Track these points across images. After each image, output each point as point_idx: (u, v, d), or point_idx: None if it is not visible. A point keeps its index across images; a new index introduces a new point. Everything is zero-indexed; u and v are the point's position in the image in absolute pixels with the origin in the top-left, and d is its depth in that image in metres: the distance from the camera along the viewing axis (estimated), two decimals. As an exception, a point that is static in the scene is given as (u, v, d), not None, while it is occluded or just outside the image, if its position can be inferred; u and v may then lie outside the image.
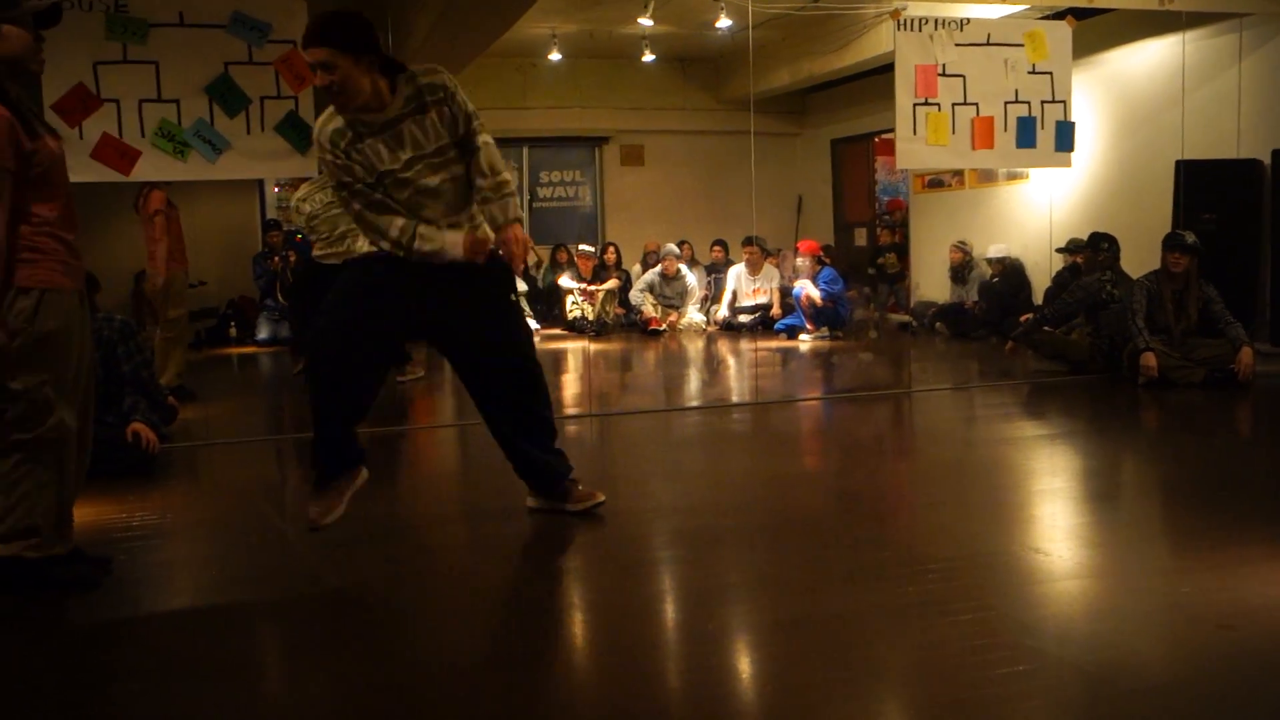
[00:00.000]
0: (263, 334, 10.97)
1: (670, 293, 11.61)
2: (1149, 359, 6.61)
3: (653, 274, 11.64)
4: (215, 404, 7.21)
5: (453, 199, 3.58)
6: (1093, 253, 7.97)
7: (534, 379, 3.85)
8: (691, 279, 11.68)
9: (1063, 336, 7.63)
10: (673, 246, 11.82)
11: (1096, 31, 8.83)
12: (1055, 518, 3.95)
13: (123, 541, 3.80)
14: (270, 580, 3.42)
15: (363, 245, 7.56)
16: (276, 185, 11.83)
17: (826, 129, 13.71)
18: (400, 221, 3.49)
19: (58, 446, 3.23)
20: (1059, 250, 9.24)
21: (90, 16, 5.54)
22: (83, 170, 5.57)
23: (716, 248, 12.38)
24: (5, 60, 3.12)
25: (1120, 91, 9.24)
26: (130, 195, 7.45)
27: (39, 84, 5.40)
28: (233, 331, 11.32)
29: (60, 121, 5.52)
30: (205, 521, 4.21)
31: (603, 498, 3.99)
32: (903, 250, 11.81)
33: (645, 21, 9.63)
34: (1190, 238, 6.86)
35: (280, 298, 10.97)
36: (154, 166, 5.75)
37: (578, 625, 3.02)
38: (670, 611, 3.10)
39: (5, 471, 3.20)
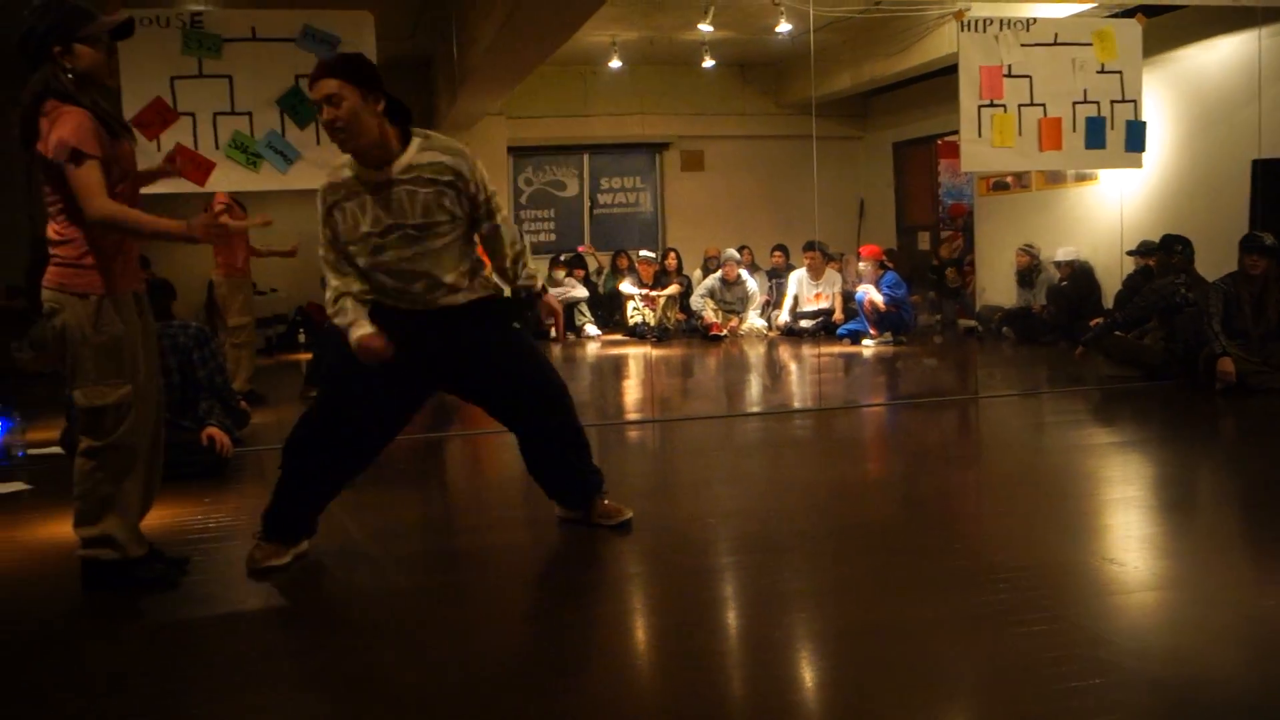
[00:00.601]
0: (330, 340, 11.15)
1: (731, 298, 11.58)
2: (1226, 364, 6.45)
3: (713, 279, 11.63)
4: (285, 409, 7.33)
5: (445, 260, 3.51)
6: (1166, 255, 7.80)
7: (560, 396, 3.87)
8: (752, 284, 11.65)
9: (1135, 341, 7.48)
10: (733, 252, 11.80)
11: (1167, 29, 8.65)
12: (1129, 527, 3.88)
13: (198, 542, 3.89)
14: (340, 581, 3.48)
15: None
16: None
17: (888, 132, 13.60)
18: (335, 282, 3.48)
19: (129, 452, 3.32)
20: (1130, 253, 9.06)
21: (167, 33, 5.69)
22: (160, 182, 5.71)
23: (777, 253, 12.33)
24: (79, 76, 3.23)
25: (1193, 90, 9.04)
26: (199, 206, 7.64)
27: (118, 97, 5.56)
28: (302, 337, 11.50)
29: (139, 135, 5.66)
30: (277, 526, 4.27)
31: (630, 514, 3.96)
32: (961, 262, 11.67)
33: (705, 27, 9.63)
34: (1269, 239, 6.69)
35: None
36: (228, 177, 5.88)
37: (640, 630, 3.03)
38: (734, 618, 3.09)
39: (82, 476, 3.30)
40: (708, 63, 11.52)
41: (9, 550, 3.97)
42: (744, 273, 11.65)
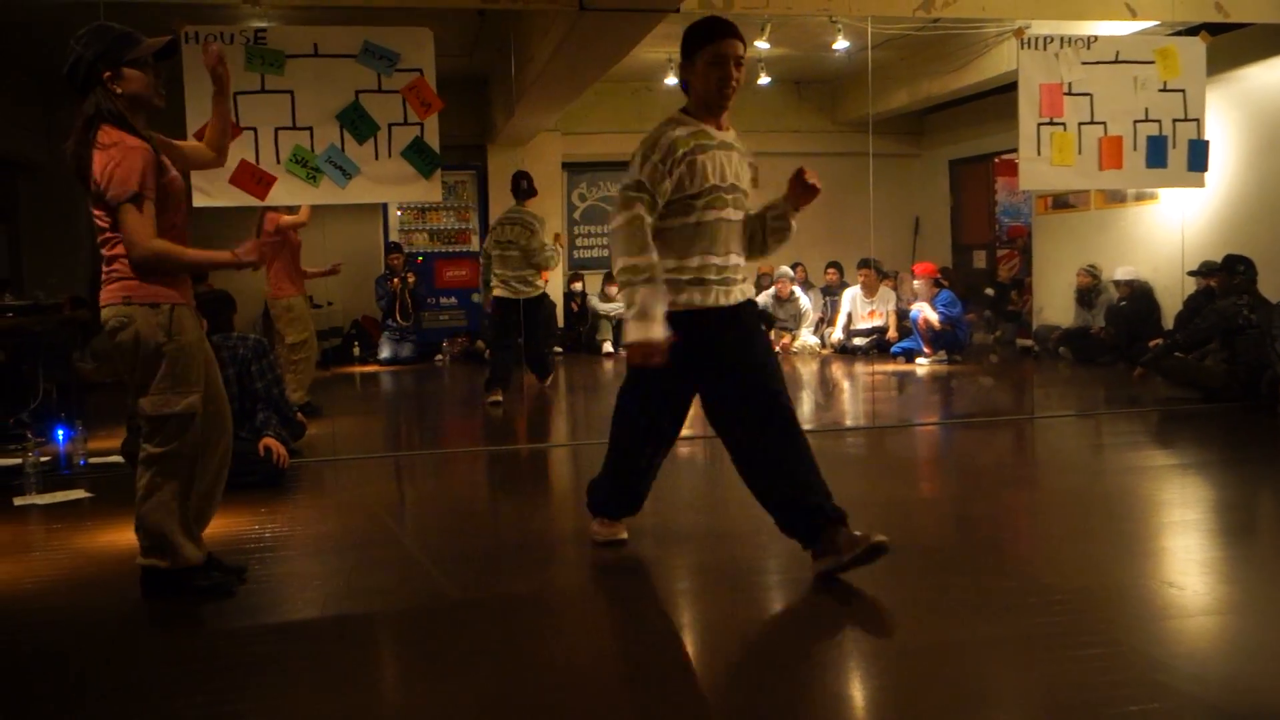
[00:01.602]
0: (384, 353, 11.28)
1: (784, 315, 11.55)
2: (1290, 387, 6.32)
3: (766, 296, 11.60)
4: (340, 421, 7.43)
5: (735, 237, 3.66)
6: (1228, 276, 7.65)
7: (789, 415, 3.54)
8: (806, 301, 11.60)
9: (1195, 363, 7.34)
10: (787, 269, 11.77)
11: (1232, 47, 8.51)
12: (1188, 551, 3.80)
13: (255, 551, 3.95)
14: (393, 592, 3.51)
15: (499, 288, 8.32)
16: (399, 209, 12.18)
17: (945, 150, 13.49)
18: (638, 260, 3.32)
19: (190, 461, 3.38)
20: (1191, 273, 8.90)
21: (231, 49, 5.81)
22: (221, 195, 5.85)
23: (831, 270, 12.28)
24: (129, 99, 3.31)
25: (1258, 108, 8.87)
26: (252, 220, 7.80)
27: (183, 114, 5.69)
28: (356, 351, 11.66)
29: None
30: (332, 534, 4.34)
31: (882, 538, 3.37)
32: (1020, 285, 11.53)
33: (762, 44, 9.64)
34: (1334, 260, 6.54)
35: (399, 318, 11.28)
36: (288, 191, 5.99)
37: (690, 646, 3.03)
38: (785, 636, 3.07)
39: (144, 484, 3.36)
40: (763, 79, 11.53)
41: (69, 557, 4.06)
42: (798, 289, 11.61)
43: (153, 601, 3.41)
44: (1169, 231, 9.46)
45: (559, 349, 11.87)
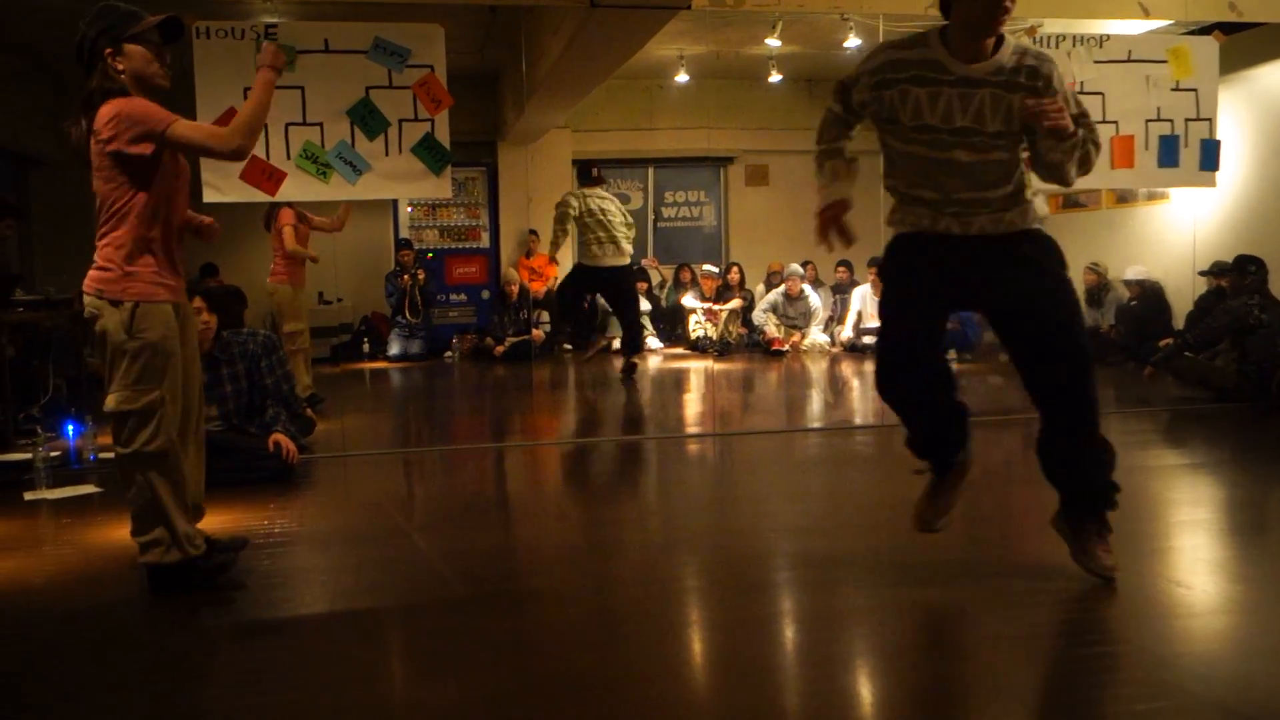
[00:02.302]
0: (394, 350, 11.30)
1: (794, 313, 11.54)
2: (1301, 387, 6.30)
3: (776, 294, 11.59)
4: (350, 417, 7.45)
5: (981, 178, 3.17)
6: (1239, 275, 7.62)
7: (1077, 363, 3.23)
8: (815, 299, 11.59)
9: (1206, 362, 7.31)
10: (797, 267, 11.75)
11: (1245, 47, 8.47)
12: (1197, 550, 3.79)
13: (264, 547, 3.96)
14: (402, 588, 3.52)
15: (598, 255, 8.67)
16: (410, 205, 12.20)
17: (956, 149, 13.46)
18: (822, 147, 3.49)
19: (161, 457, 3.37)
20: (1202, 273, 8.87)
21: (241, 45, 5.83)
22: (232, 190, 5.86)
23: (841, 268, 12.26)
24: (132, 76, 3.31)
25: (1270, 109, 8.84)
26: (259, 215, 7.83)
27: (194, 111, 5.71)
28: (366, 347, 11.68)
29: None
30: (341, 530, 4.35)
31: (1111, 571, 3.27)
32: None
33: (773, 42, 9.62)
34: (1346, 260, 6.52)
35: (409, 315, 11.30)
36: (298, 187, 6.00)
37: (696, 644, 3.03)
38: (792, 634, 3.08)
39: (126, 482, 3.38)
40: (774, 77, 11.51)
41: (79, 552, 4.08)
42: (807, 288, 11.60)
43: (162, 596, 3.42)
44: (1180, 231, 9.44)
45: (569, 346, 11.90)
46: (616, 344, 11.56)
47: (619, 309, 9.18)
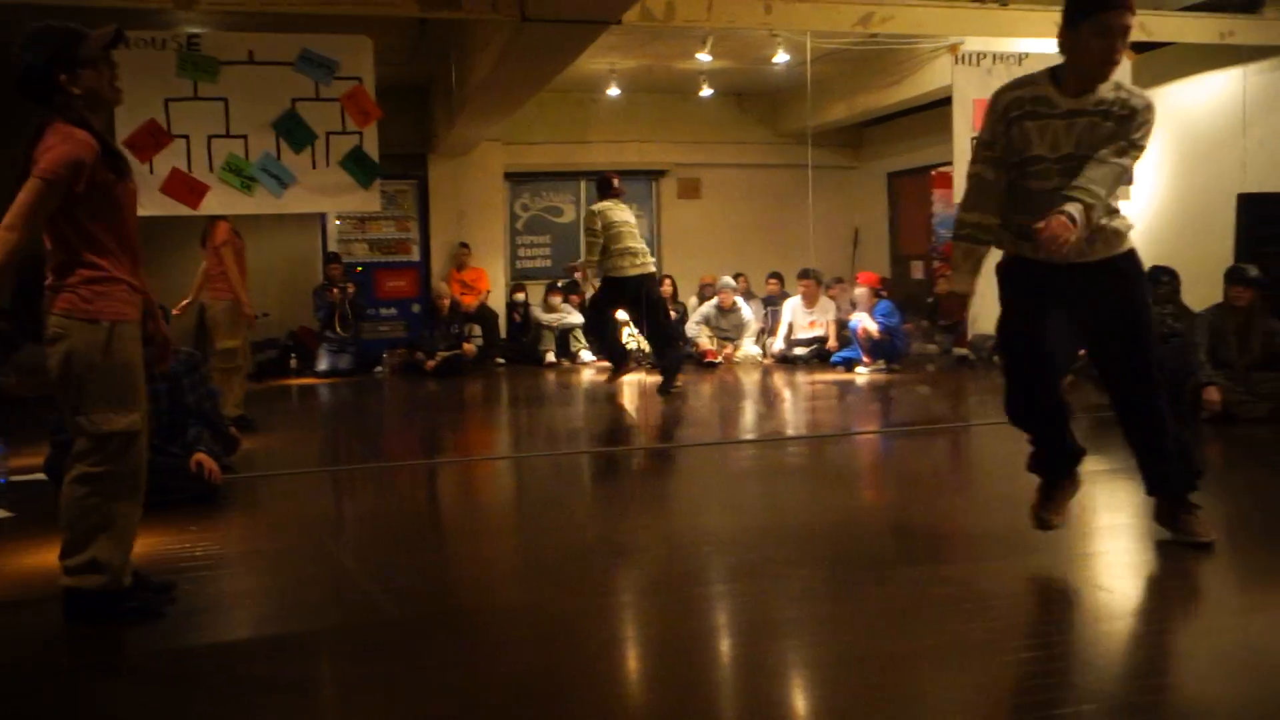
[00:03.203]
0: (322, 365, 11.13)
1: (726, 325, 11.60)
2: (1212, 394, 6.48)
3: (709, 306, 11.65)
4: (275, 435, 7.32)
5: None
6: (1154, 286, 7.83)
7: (1150, 379, 3.75)
8: (747, 311, 11.67)
9: (1125, 371, 7.49)
10: (729, 279, 11.83)
11: (1157, 65, 8.73)
12: (1119, 554, 3.88)
13: (186, 570, 3.86)
14: (330, 611, 3.46)
15: (627, 266, 8.60)
16: (338, 218, 12.05)
17: (883, 162, 13.67)
18: (970, 217, 3.65)
19: (129, 481, 3.29)
20: (1120, 284, 9.10)
21: (162, 55, 5.72)
22: (153, 204, 5.74)
23: (772, 280, 12.37)
24: (88, 97, 3.21)
25: (1181, 125, 9.11)
26: (194, 229, 7.65)
27: (111, 120, 5.59)
28: (293, 363, 11.49)
29: (131, 157, 5.68)
30: (266, 551, 4.27)
31: (1212, 537, 3.72)
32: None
33: (703, 57, 9.69)
34: (1253, 271, 6.73)
35: (339, 329, 11.15)
36: (221, 201, 5.90)
37: (632, 658, 3.02)
38: (726, 645, 3.08)
39: (74, 502, 3.24)
40: (705, 91, 11.60)
41: (-6, 574, 3.94)
42: (739, 300, 11.67)
43: (77, 625, 3.31)
44: (1100, 243, 9.66)
45: (501, 360, 11.83)
46: (550, 358, 11.53)
47: (652, 319, 9.09)
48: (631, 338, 11.61)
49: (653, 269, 8.92)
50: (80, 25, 3.27)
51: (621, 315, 11.77)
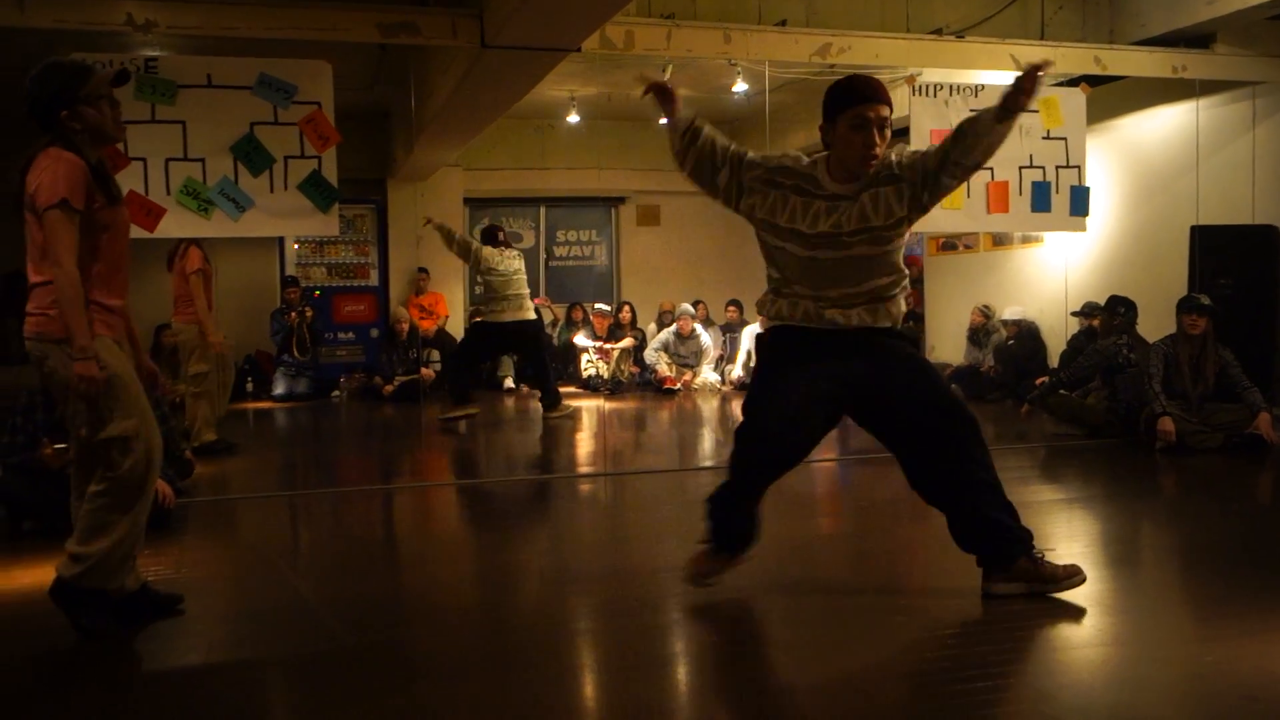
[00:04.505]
0: (279, 389, 11.02)
1: (685, 352, 11.63)
2: (1166, 424, 6.57)
3: (668, 333, 11.68)
4: (231, 459, 7.22)
5: (844, 272, 3.45)
6: (1109, 316, 7.96)
7: (973, 428, 3.58)
8: (706, 338, 11.71)
9: (1079, 400, 7.60)
10: (688, 306, 11.87)
11: (1110, 98, 8.91)
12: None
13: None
14: (283, 637, 3.41)
15: (511, 313, 8.66)
16: (296, 242, 11.97)
17: (841, 191, 13.79)
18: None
19: (135, 488, 3.33)
20: (1074, 314, 9.24)
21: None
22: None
23: (731, 307, 12.42)
24: (89, 132, 3.29)
25: (1135, 157, 9.30)
26: (156, 252, 7.55)
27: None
28: (249, 386, 11.37)
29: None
30: (219, 577, 4.20)
31: (1084, 577, 3.55)
32: (918, 317, 11.82)
33: (657, 80, 9.75)
34: (1206, 300, 6.85)
35: (296, 353, 11.05)
36: (178, 224, 5.85)
37: (589, 687, 3.00)
38: (684, 674, 3.07)
39: (87, 513, 3.31)
40: (664, 120, 11.66)
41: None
42: (699, 327, 11.71)
43: (28, 648, 3.24)
44: (1053, 273, 9.83)
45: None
46: (509, 383, 11.48)
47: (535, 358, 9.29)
48: (590, 364, 11.61)
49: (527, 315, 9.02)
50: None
51: (581, 341, 11.79)
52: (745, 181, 3.57)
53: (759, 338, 3.72)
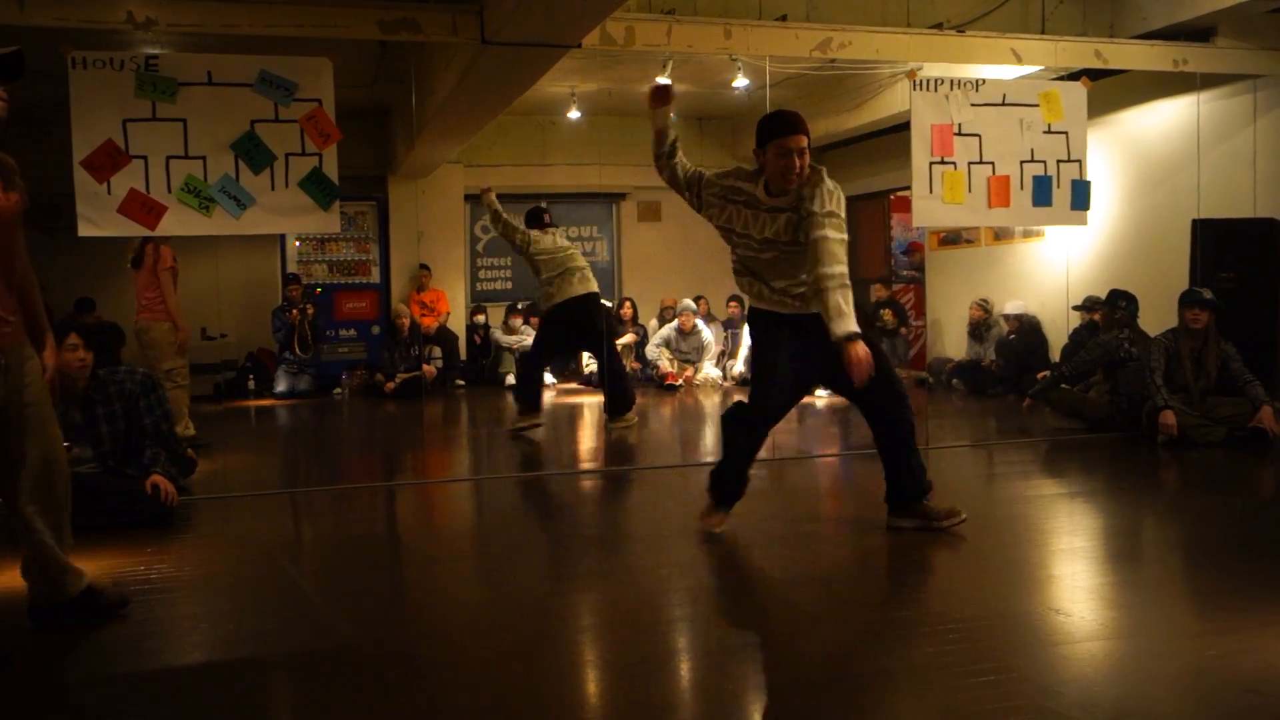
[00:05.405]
0: (281, 386, 11.03)
1: (686, 348, 11.63)
2: (1168, 417, 6.57)
3: (669, 329, 11.68)
4: (233, 456, 7.23)
5: (774, 268, 4.30)
6: (1110, 310, 7.95)
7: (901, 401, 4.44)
8: (708, 334, 11.71)
9: (1080, 394, 7.60)
10: (689, 302, 11.87)
11: (1111, 92, 8.89)
12: (1076, 578, 3.92)
13: (140, 594, 3.79)
14: (286, 635, 3.41)
15: (565, 292, 8.07)
16: (297, 240, 11.97)
17: (842, 186, 13.69)
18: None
19: (41, 497, 3.30)
20: (1076, 308, 9.23)
21: (121, 75, 5.67)
22: (108, 224, 5.69)
23: (733, 303, 12.41)
24: None
25: (1136, 151, 9.28)
26: (117, 248, 7.56)
27: (68, 140, 5.53)
28: (251, 384, 11.37)
29: (89, 177, 5.62)
30: (222, 575, 4.21)
31: (964, 517, 4.46)
32: (898, 305, 11.81)
33: (663, 80, 9.74)
34: (1208, 294, 6.85)
35: (298, 350, 11.05)
36: (179, 222, 5.84)
37: (592, 684, 3.00)
38: (687, 670, 3.07)
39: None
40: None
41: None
42: (700, 323, 11.71)
43: (27, 645, 3.25)
44: (1054, 267, 9.82)
45: (460, 381, 11.78)
46: (511, 380, 11.48)
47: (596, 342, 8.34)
48: (592, 360, 11.61)
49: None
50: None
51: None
52: (704, 198, 4.47)
53: (749, 315, 4.58)
